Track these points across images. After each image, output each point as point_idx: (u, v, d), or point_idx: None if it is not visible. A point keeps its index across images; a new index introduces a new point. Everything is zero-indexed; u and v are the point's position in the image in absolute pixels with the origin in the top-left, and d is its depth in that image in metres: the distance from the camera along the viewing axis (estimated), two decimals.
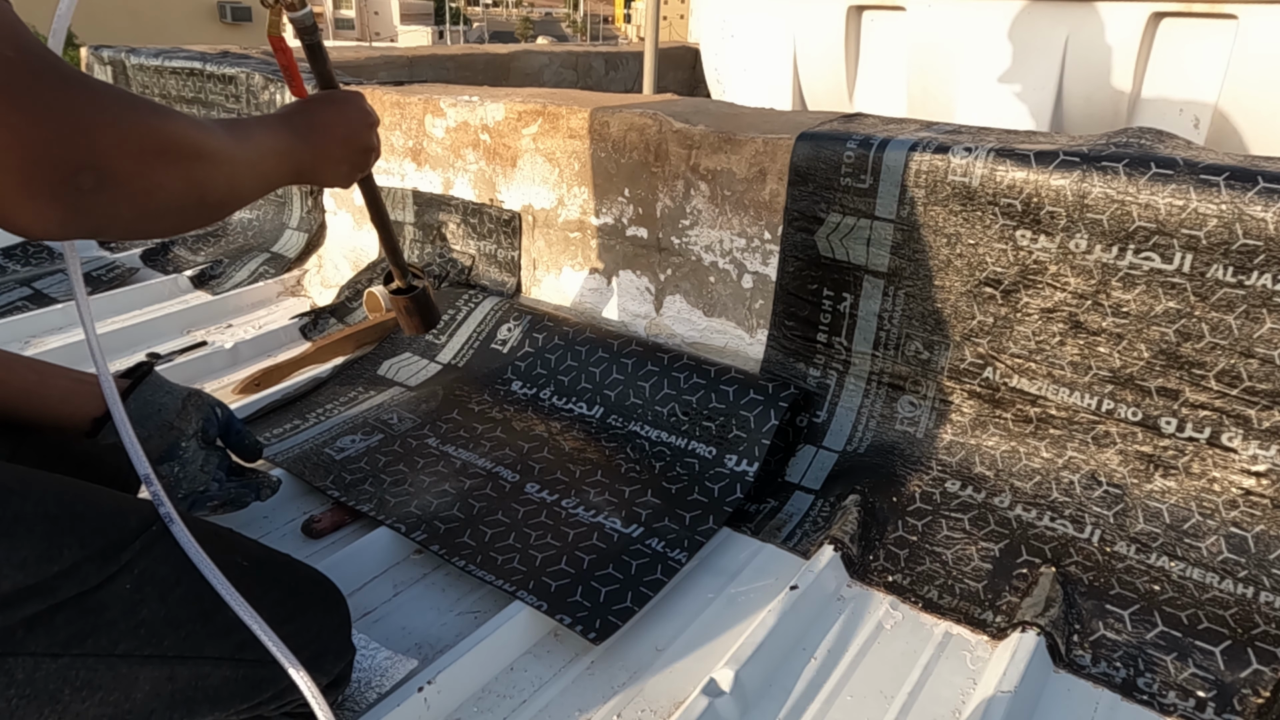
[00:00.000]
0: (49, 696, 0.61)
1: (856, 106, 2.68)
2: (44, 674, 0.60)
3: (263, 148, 0.75)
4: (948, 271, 1.15)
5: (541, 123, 1.56)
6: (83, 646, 0.62)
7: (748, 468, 1.18)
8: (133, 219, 0.58)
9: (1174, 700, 0.85)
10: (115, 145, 0.53)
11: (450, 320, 1.59)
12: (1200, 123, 2.09)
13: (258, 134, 0.75)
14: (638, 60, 3.63)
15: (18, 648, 0.59)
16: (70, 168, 0.50)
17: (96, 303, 1.84)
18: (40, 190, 0.50)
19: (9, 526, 0.60)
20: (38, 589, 0.60)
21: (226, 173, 0.66)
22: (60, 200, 0.51)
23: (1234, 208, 0.94)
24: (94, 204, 0.52)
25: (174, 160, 0.59)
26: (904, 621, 0.98)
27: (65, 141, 0.50)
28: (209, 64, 2.26)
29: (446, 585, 1.05)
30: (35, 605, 0.60)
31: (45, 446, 0.90)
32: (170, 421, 0.97)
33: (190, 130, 0.61)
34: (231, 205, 0.70)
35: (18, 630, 0.59)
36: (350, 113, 0.90)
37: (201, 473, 1.00)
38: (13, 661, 0.59)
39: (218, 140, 0.65)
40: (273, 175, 0.77)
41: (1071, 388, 1.09)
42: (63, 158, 0.50)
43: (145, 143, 0.55)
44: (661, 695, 0.89)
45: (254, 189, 0.73)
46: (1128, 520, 1.03)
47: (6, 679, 0.59)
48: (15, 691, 0.59)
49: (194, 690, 0.68)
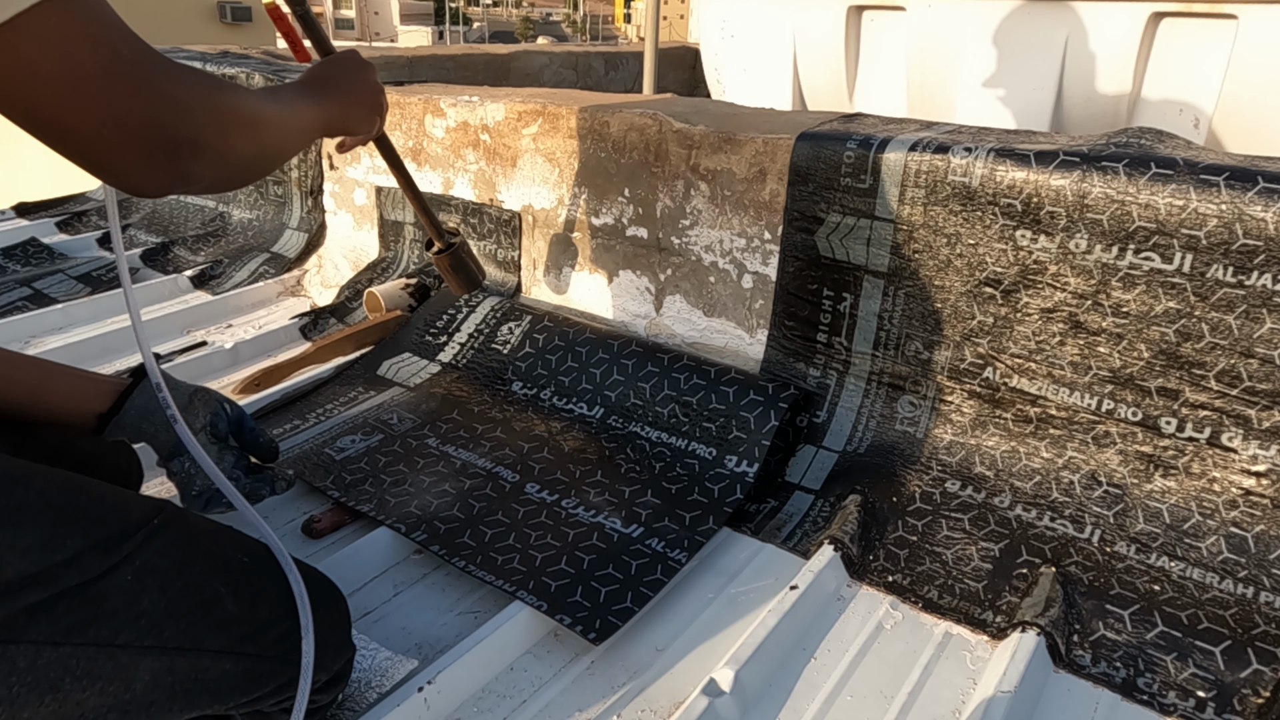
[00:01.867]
0: (49, 685, 0.61)
1: (856, 106, 2.68)
2: (45, 662, 0.61)
3: (300, 110, 0.88)
4: (948, 271, 1.15)
5: (541, 123, 1.56)
6: (84, 636, 0.62)
7: (748, 469, 1.18)
8: (216, 179, 0.71)
9: (1174, 700, 0.85)
10: (205, 123, 0.66)
11: (450, 320, 1.59)
12: (1200, 123, 2.09)
13: (294, 99, 0.89)
14: (638, 60, 3.63)
15: (19, 635, 0.60)
16: (174, 142, 0.63)
17: (96, 303, 1.84)
18: (155, 160, 0.62)
19: (12, 515, 0.60)
20: (40, 577, 0.60)
21: (279, 134, 0.80)
22: (168, 166, 0.63)
23: (1234, 208, 0.94)
24: (191, 168, 0.65)
25: (245, 129, 0.72)
26: (904, 621, 0.98)
27: (171, 122, 0.62)
28: (209, 64, 2.26)
29: (446, 585, 1.05)
30: (37, 594, 0.60)
31: (47, 444, 0.90)
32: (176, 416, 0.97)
33: (253, 103, 0.74)
34: (280, 160, 0.84)
35: (19, 618, 0.60)
36: (350, 63, 1.05)
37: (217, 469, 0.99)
38: (14, 649, 0.59)
39: (271, 108, 0.78)
40: (310, 131, 0.92)
41: (1071, 388, 1.09)
42: (170, 135, 0.62)
43: (225, 118, 0.68)
44: (661, 695, 0.89)
45: (296, 145, 0.88)
46: (1128, 520, 1.03)
47: (8, 666, 0.59)
48: (16, 679, 0.59)
49: (193, 682, 0.69)
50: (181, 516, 0.73)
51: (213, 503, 0.97)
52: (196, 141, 0.64)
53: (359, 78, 1.05)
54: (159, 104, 0.61)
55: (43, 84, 0.56)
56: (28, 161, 2.94)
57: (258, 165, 0.78)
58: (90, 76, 0.57)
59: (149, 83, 0.61)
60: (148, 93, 0.61)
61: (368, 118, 1.07)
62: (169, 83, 0.62)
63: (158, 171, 0.63)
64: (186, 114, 0.64)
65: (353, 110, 1.03)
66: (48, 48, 0.56)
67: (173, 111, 0.62)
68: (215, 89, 0.68)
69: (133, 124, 0.60)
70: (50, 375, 0.92)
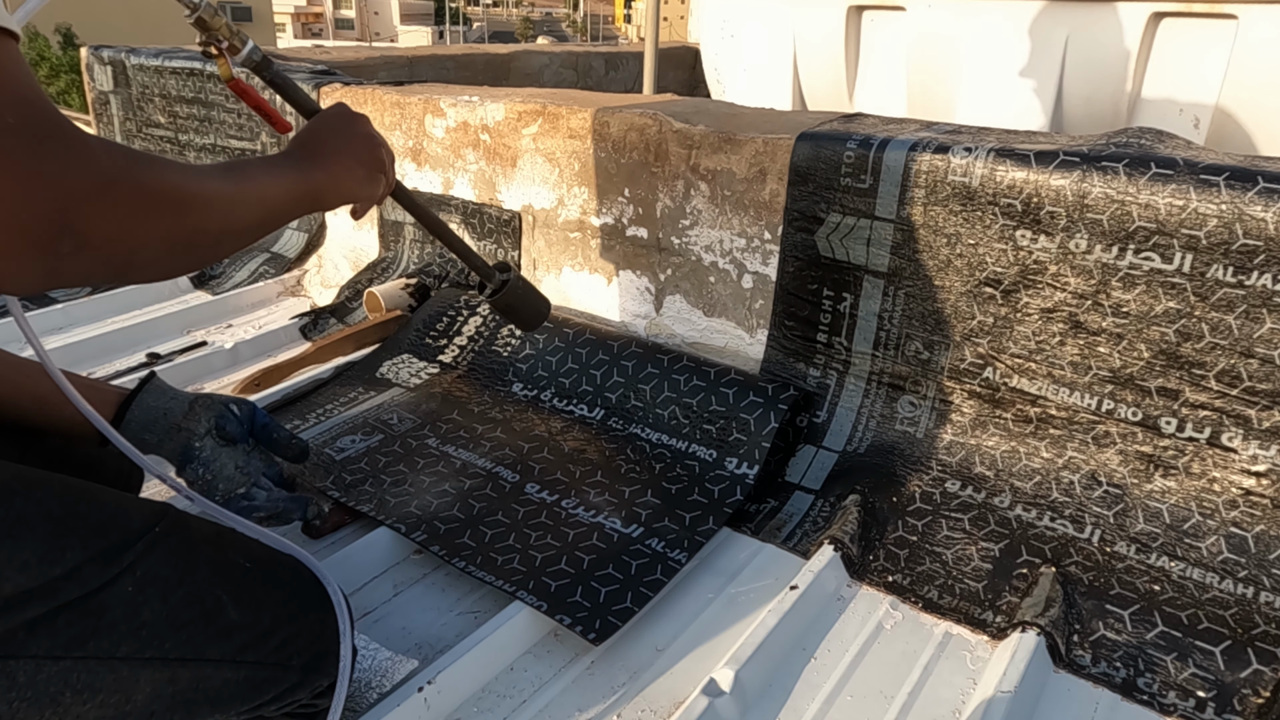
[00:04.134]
0: (50, 699, 0.61)
1: (856, 106, 2.68)
2: (45, 676, 0.60)
3: (263, 183, 0.75)
4: (948, 271, 1.15)
5: (541, 123, 1.56)
6: (84, 649, 0.62)
7: (748, 470, 1.18)
8: (112, 274, 0.60)
9: (1174, 700, 0.85)
10: (97, 211, 0.54)
11: (451, 323, 1.59)
12: (1200, 123, 2.09)
13: (257, 171, 0.75)
14: (638, 60, 3.63)
15: (19, 650, 0.59)
16: (51, 234, 0.52)
17: (96, 303, 1.84)
18: (20, 253, 0.51)
19: (11, 527, 0.60)
20: (39, 591, 0.60)
21: (220, 216, 0.67)
22: (39, 263, 0.52)
23: (1234, 208, 0.94)
24: (72, 265, 0.54)
25: (159, 216, 0.59)
26: (904, 621, 0.98)
27: (49, 210, 0.52)
28: (209, 64, 2.26)
29: (446, 585, 1.05)
30: (37, 608, 0.60)
31: (50, 450, 0.89)
32: (178, 423, 0.95)
33: (180, 181, 0.62)
34: (231, 245, 0.71)
35: (19, 633, 0.59)
36: (336, 122, 0.90)
37: (239, 474, 0.96)
38: (14, 664, 0.59)
39: (212, 185, 0.66)
40: (283, 207, 0.78)
41: (1071, 388, 1.09)
42: (44, 225, 0.51)
43: (130, 204, 0.57)
44: (661, 695, 0.89)
45: (261, 224, 0.74)
46: (1128, 520, 1.03)
47: (8, 681, 0.59)
48: (16, 694, 0.59)
49: (195, 692, 0.68)
50: (183, 522, 0.73)
51: (243, 513, 0.94)
52: (80, 235, 0.53)
53: (348, 136, 0.89)
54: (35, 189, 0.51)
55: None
56: None
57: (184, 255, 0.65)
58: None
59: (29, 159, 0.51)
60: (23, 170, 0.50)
61: (367, 179, 0.90)
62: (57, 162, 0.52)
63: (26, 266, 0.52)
64: (71, 201, 0.52)
65: (346, 175, 0.87)
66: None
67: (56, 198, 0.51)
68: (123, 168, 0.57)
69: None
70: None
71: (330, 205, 0.87)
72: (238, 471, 0.96)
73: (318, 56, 2.69)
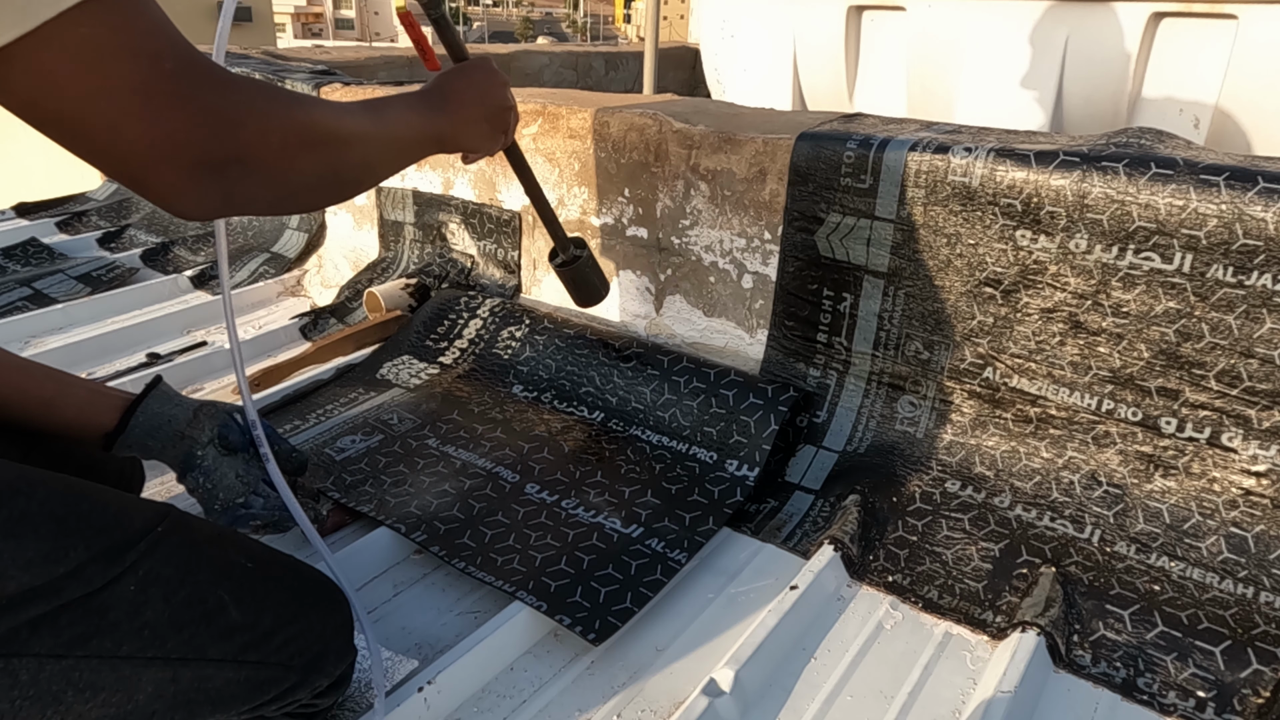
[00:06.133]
0: (52, 698, 0.61)
1: (856, 106, 2.68)
2: (47, 675, 0.60)
3: (398, 123, 0.82)
4: (948, 271, 1.15)
5: (541, 123, 1.56)
6: (86, 648, 0.62)
7: (748, 472, 1.18)
8: (274, 200, 0.67)
9: (1174, 700, 0.85)
10: (258, 140, 0.61)
11: (451, 326, 1.59)
12: (1200, 123, 2.09)
13: (393, 111, 0.82)
14: (638, 60, 3.63)
15: (22, 649, 0.59)
16: (221, 162, 0.58)
17: (97, 303, 1.84)
18: (199, 181, 0.58)
19: (14, 526, 0.60)
20: (43, 590, 0.60)
21: (361, 152, 0.74)
22: (213, 188, 0.59)
23: (1234, 208, 0.94)
24: (241, 190, 0.61)
25: (311, 147, 0.66)
26: (904, 621, 0.98)
27: (217, 140, 0.58)
28: None
29: (446, 585, 1.05)
30: (40, 606, 0.60)
31: (52, 451, 0.90)
32: (181, 431, 0.95)
33: (326, 117, 0.68)
34: (370, 180, 0.79)
35: (22, 631, 0.59)
36: (477, 76, 0.97)
37: (239, 482, 0.96)
38: (17, 663, 0.59)
39: (353, 123, 0.72)
40: (413, 147, 0.86)
41: (1071, 388, 1.09)
42: (215, 153, 0.58)
43: (285, 135, 0.63)
44: (661, 695, 0.89)
45: (394, 162, 0.81)
46: (1128, 520, 1.03)
47: (10, 680, 0.59)
48: (19, 693, 0.59)
49: (196, 692, 0.68)
50: (185, 523, 0.73)
51: (240, 521, 0.95)
52: (247, 161, 0.60)
53: (484, 90, 0.97)
54: (203, 120, 0.57)
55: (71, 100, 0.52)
56: (28, 161, 2.94)
57: (333, 187, 0.73)
58: (125, 91, 0.54)
59: (193, 96, 0.57)
60: (191, 108, 0.56)
61: (489, 134, 0.99)
62: (217, 96, 0.58)
63: (202, 194, 0.58)
64: (236, 132, 0.59)
65: (470, 126, 0.95)
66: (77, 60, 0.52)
67: (220, 127, 0.58)
68: (276, 102, 0.63)
69: (173, 142, 0.56)
70: (65, 389, 0.91)
71: (451, 150, 0.95)
72: (238, 480, 0.97)
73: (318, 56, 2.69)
